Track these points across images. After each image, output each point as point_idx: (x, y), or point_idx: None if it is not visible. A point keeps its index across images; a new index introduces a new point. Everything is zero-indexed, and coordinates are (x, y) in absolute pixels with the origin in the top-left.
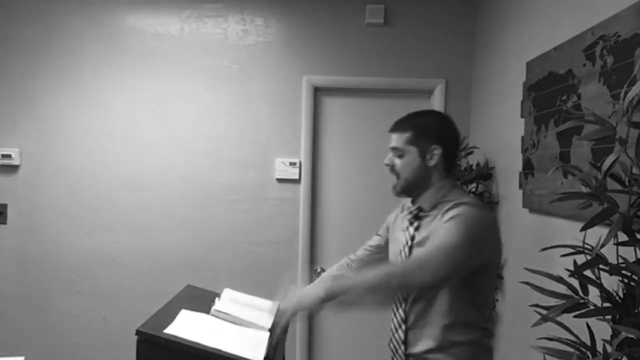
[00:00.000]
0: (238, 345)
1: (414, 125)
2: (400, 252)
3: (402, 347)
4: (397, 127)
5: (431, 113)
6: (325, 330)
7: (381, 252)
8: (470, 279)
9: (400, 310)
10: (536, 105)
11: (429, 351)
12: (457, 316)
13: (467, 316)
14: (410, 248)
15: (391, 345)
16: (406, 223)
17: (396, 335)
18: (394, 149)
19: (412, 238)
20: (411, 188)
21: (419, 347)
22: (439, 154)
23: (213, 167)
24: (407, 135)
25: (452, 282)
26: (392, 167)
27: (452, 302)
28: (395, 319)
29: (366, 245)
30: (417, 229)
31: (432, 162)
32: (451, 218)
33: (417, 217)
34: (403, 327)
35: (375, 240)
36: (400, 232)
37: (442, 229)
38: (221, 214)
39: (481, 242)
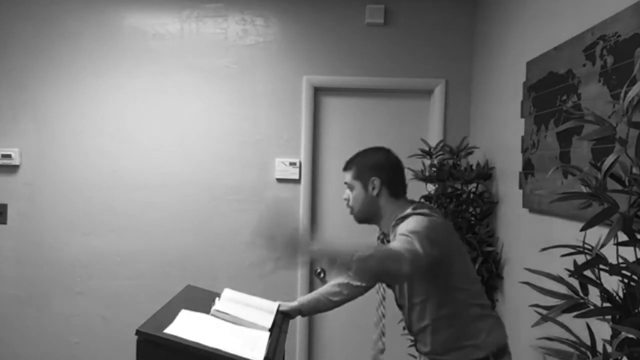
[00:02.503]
0: (238, 345)
1: (355, 162)
2: None
3: (384, 320)
4: (346, 165)
5: (371, 149)
6: (325, 330)
7: None
8: (439, 269)
9: (379, 294)
10: (536, 105)
11: (424, 328)
12: (439, 297)
13: (451, 296)
14: None
15: (375, 318)
16: None
17: (378, 312)
18: (346, 184)
19: None
20: (364, 217)
21: (415, 327)
22: (378, 184)
23: (213, 167)
24: (352, 171)
25: (419, 271)
26: (348, 201)
27: (429, 286)
28: (378, 298)
29: None
30: None
31: (375, 192)
32: (398, 225)
33: (383, 241)
34: (384, 303)
35: None
36: None
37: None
38: (221, 214)
39: (430, 236)
